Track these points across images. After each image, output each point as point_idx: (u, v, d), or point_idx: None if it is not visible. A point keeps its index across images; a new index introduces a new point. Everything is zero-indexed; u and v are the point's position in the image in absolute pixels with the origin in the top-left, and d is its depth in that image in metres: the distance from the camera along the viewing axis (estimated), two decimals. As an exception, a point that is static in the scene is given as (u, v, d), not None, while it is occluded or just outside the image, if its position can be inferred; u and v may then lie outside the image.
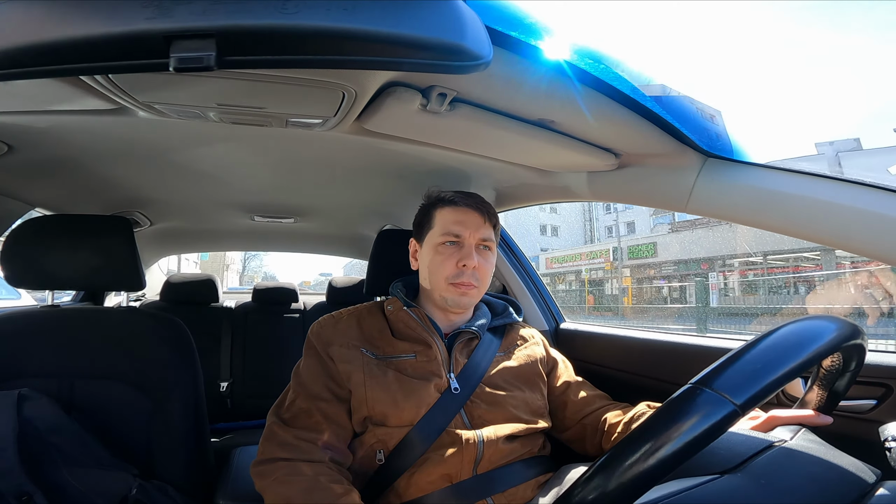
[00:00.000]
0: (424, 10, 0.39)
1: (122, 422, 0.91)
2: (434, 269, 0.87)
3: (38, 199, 1.24)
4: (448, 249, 0.86)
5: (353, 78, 0.62)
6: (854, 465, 0.50)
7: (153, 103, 0.69)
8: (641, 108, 0.64)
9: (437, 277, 0.87)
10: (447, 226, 0.87)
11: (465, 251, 0.86)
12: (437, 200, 0.91)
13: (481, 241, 0.87)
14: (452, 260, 0.85)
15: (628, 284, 18.80)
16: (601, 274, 21.10)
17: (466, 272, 0.85)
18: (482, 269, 0.87)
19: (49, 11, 0.35)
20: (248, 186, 1.31)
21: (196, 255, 20.47)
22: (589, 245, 23.89)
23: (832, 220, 0.61)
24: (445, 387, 0.82)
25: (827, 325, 0.49)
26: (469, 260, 0.85)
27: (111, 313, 1.04)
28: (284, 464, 0.74)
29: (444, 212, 0.89)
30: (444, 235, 0.87)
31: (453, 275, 0.85)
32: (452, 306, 0.87)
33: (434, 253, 0.87)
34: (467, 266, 0.84)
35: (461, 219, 0.87)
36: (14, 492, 0.74)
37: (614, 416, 0.87)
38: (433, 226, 0.89)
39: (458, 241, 0.86)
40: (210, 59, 0.35)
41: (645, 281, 18.92)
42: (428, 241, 0.89)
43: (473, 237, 0.86)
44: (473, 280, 0.86)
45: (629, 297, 17.72)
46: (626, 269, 19.61)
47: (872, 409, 0.70)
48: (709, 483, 0.47)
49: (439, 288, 0.87)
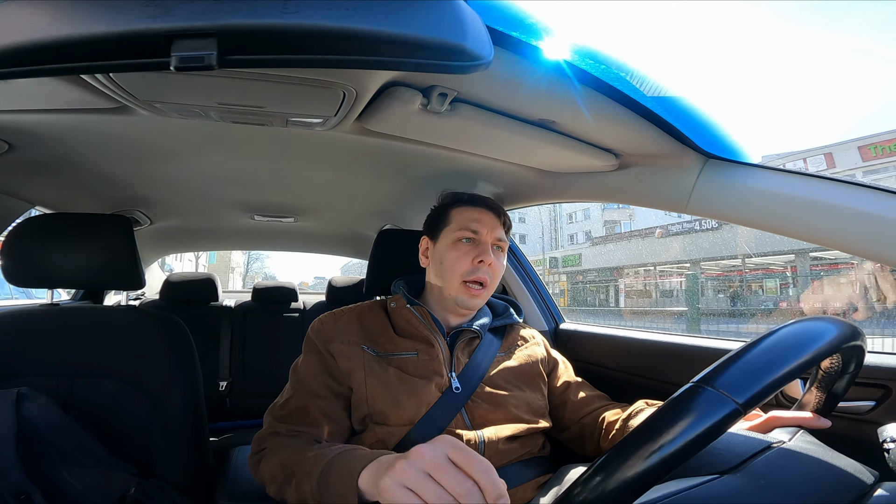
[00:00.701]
0: (425, 10, 0.39)
1: (121, 421, 0.91)
2: (450, 265, 0.87)
3: (38, 197, 1.24)
4: (465, 246, 0.87)
5: (354, 77, 0.63)
6: (852, 467, 0.50)
7: (154, 102, 0.69)
8: (642, 108, 0.64)
9: (451, 275, 0.87)
10: (465, 222, 0.88)
11: (482, 248, 0.87)
12: (455, 200, 0.93)
13: (496, 241, 0.89)
14: (469, 256, 0.86)
15: (565, 287, 24.39)
16: (547, 278, 25.53)
17: (483, 268, 0.86)
18: (495, 268, 0.88)
19: (51, 10, 0.35)
20: (248, 186, 1.31)
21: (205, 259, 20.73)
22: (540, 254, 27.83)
23: (833, 221, 0.61)
24: (447, 386, 0.82)
25: (828, 326, 0.49)
26: (486, 256, 0.86)
27: (111, 312, 1.03)
28: (274, 438, 0.77)
29: (462, 210, 0.90)
30: (462, 231, 0.88)
31: (469, 271, 0.86)
32: (461, 307, 0.88)
33: (450, 249, 0.88)
34: (484, 262, 0.86)
35: (479, 217, 0.89)
36: (12, 491, 0.73)
37: (612, 415, 0.87)
38: (449, 223, 0.90)
39: (475, 238, 0.88)
40: (211, 59, 0.35)
41: (579, 284, 24.44)
42: (444, 238, 0.90)
43: (490, 235, 0.88)
44: (487, 276, 0.87)
45: (565, 298, 23.35)
46: (563, 275, 24.78)
47: (871, 411, 0.70)
48: (708, 483, 0.47)
49: (451, 287, 0.87)
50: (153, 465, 0.92)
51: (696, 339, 1.02)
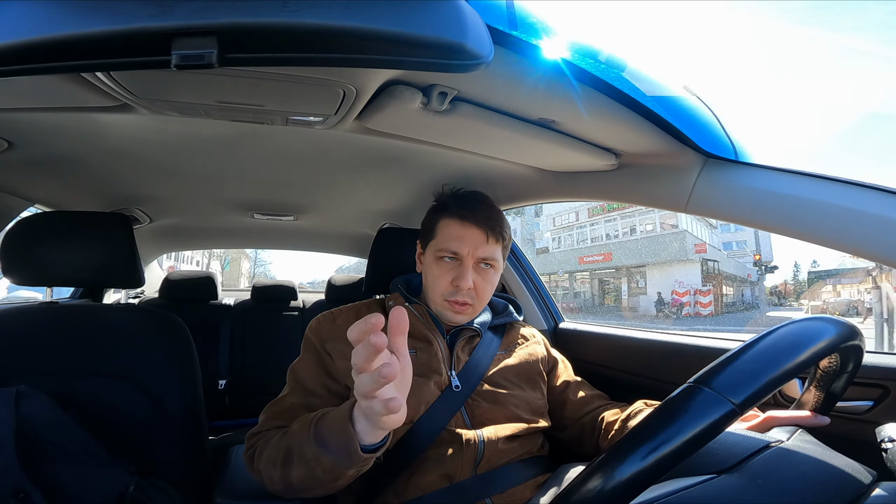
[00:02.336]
0: (425, 9, 0.39)
1: (120, 419, 0.91)
2: (431, 282, 0.87)
3: (37, 195, 1.24)
4: (446, 265, 0.85)
5: (354, 76, 0.62)
6: (850, 466, 0.50)
7: (153, 100, 0.68)
8: (642, 108, 0.64)
9: (433, 292, 0.87)
10: (446, 241, 0.85)
11: (461, 271, 0.83)
12: (444, 208, 0.88)
13: (481, 260, 0.85)
14: (448, 277, 0.84)
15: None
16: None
17: (461, 291, 0.84)
18: (479, 288, 0.85)
19: (52, 9, 0.35)
20: (247, 184, 1.31)
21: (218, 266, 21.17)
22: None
23: (833, 221, 0.61)
24: (446, 384, 0.82)
25: (826, 326, 0.49)
26: (463, 281, 0.82)
27: (110, 310, 1.03)
28: (263, 434, 0.77)
29: (448, 224, 0.86)
30: (442, 251, 0.85)
31: (448, 292, 0.84)
32: (445, 321, 0.88)
33: (432, 265, 0.87)
34: (461, 287, 0.83)
35: (461, 235, 0.84)
36: (11, 490, 0.73)
37: (611, 415, 0.87)
38: (435, 235, 0.88)
39: (456, 257, 0.85)
40: (211, 57, 0.35)
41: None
42: (429, 251, 0.88)
43: (472, 256, 0.84)
44: (468, 299, 0.84)
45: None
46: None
47: (869, 411, 0.70)
48: (706, 482, 0.47)
49: (436, 302, 0.87)
50: (152, 463, 0.91)
51: (695, 338, 1.02)
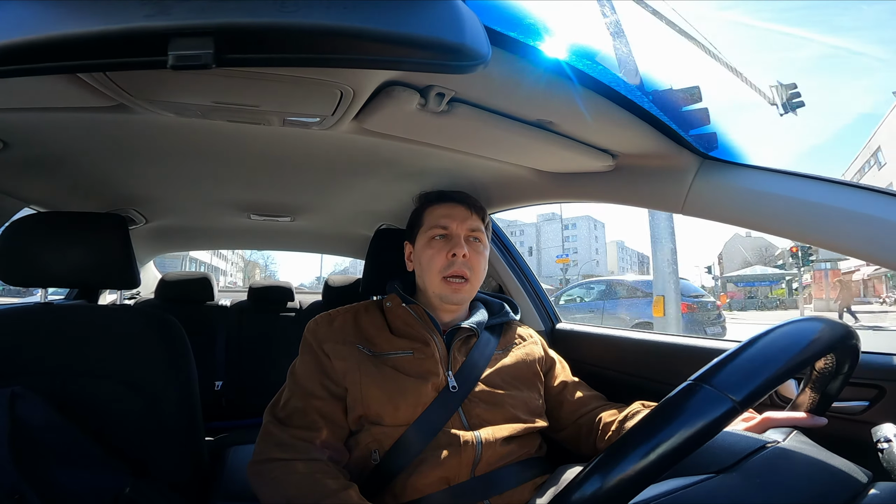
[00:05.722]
0: (423, 10, 0.39)
1: (116, 420, 0.91)
2: (426, 263, 0.88)
3: (32, 196, 1.23)
4: (438, 243, 0.89)
5: (352, 77, 0.62)
6: (846, 466, 0.50)
7: (150, 101, 0.68)
8: (639, 109, 0.65)
9: (430, 273, 0.88)
10: (435, 220, 0.91)
11: (454, 241, 0.88)
12: (426, 201, 0.95)
13: (470, 233, 0.90)
14: (443, 252, 0.87)
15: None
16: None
17: (457, 261, 0.86)
18: (473, 260, 0.89)
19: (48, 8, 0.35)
20: (244, 185, 1.30)
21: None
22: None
23: (828, 222, 0.62)
24: (443, 385, 0.82)
25: (823, 326, 0.50)
26: (458, 248, 0.87)
27: (105, 311, 1.03)
28: (280, 464, 0.74)
29: (433, 209, 0.93)
30: (433, 229, 0.90)
31: (445, 266, 0.87)
32: (446, 302, 0.89)
33: (426, 248, 0.89)
34: (457, 255, 0.86)
35: (447, 212, 0.91)
36: (7, 491, 0.73)
37: (609, 416, 0.87)
38: (423, 223, 0.92)
39: (447, 233, 0.89)
40: (208, 58, 0.35)
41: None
42: (420, 239, 0.92)
43: (461, 228, 0.89)
44: (465, 269, 0.87)
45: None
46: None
47: (865, 411, 0.70)
48: (704, 482, 0.47)
49: (433, 284, 0.88)
50: (148, 464, 0.91)
51: (692, 339, 1.03)
